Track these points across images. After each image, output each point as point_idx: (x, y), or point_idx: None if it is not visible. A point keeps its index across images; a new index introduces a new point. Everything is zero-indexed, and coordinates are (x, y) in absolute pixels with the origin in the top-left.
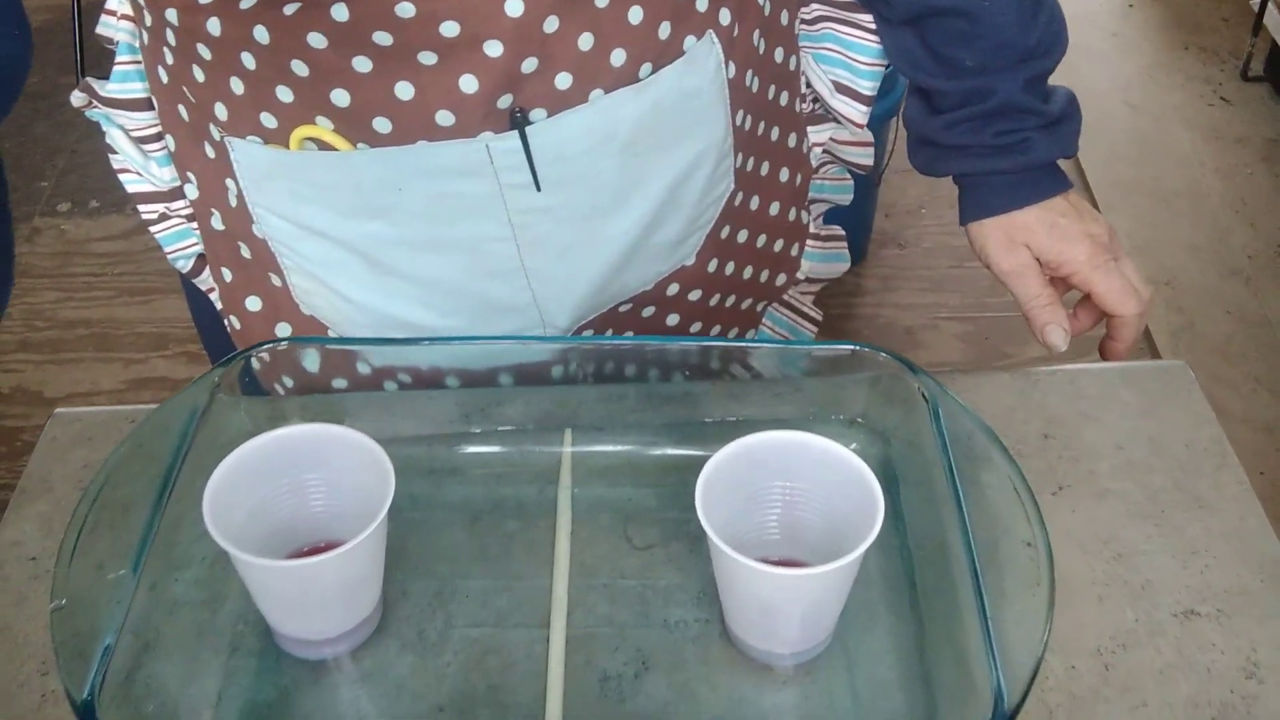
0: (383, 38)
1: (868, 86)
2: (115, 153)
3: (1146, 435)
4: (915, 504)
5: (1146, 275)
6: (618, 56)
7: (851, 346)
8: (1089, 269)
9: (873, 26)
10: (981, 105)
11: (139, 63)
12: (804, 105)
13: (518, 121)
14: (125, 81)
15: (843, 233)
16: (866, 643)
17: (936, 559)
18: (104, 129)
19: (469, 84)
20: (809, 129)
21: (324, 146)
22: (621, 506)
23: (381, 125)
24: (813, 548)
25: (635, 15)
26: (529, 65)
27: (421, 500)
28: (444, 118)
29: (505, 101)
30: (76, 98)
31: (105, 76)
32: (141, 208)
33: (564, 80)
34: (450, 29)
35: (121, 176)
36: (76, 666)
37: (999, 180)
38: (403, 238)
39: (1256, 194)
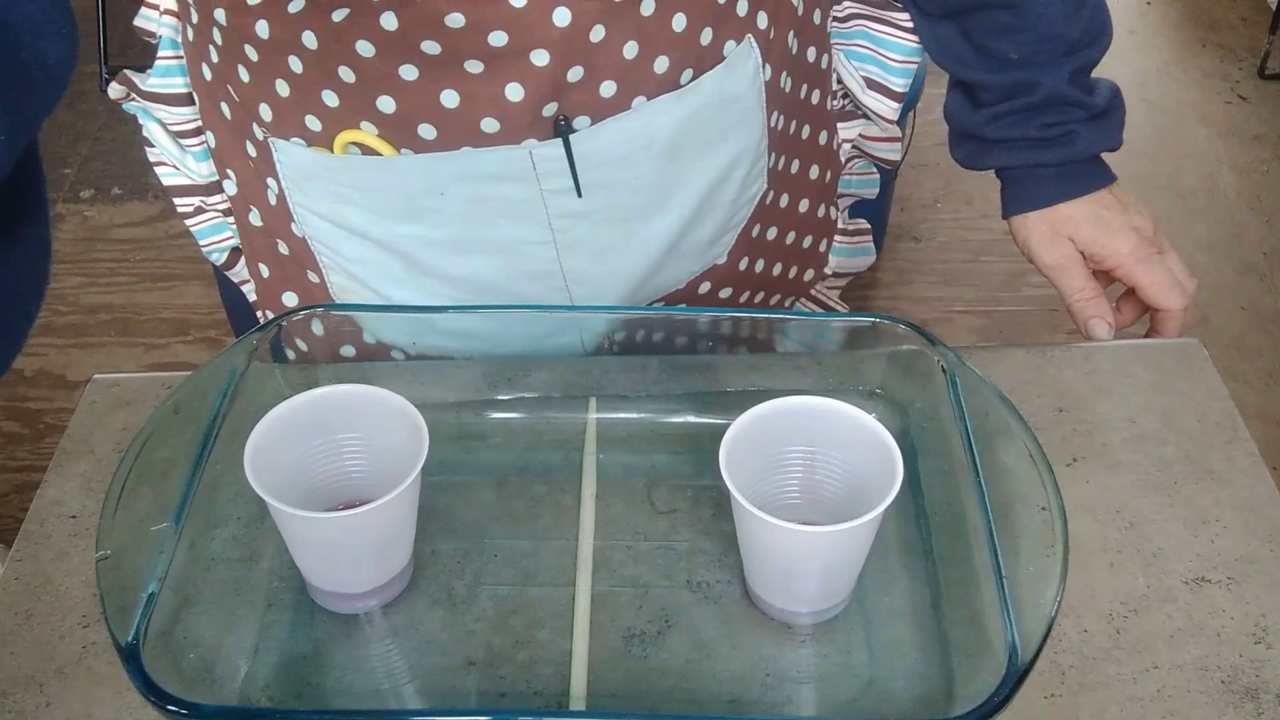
0: (431, 47)
1: (899, 83)
2: (151, 145)
3: (1159, 409)
4: (933, 472)
5: None
6: (661, 64)
7: (872, 318)
8: (1133, 262)
9: (905, 24)
10: (1025, 98)
11: (181, 58)
12: (834, 102)
13: (562, 129)
14: (167, 76)
15: (868, 226)
16: (884, 604)
17: (954, 524)
18: (141, 121)
19: (515, 92)
20: (839, 125)
21: (368, 151)
22: (645, 472)
23: (426, 131)
24: (832, 512)
25: (679, 23)
26: (575, 74)
27: (450, 464)
28: (489, 125)
29: (550, 109)
30: (114, 90)
31: (132, 66)
32: (177, 200)
33: (608, 88)
34: (498, 39)
35: (157, 169)
36: (121, 614)
37: (1043, 173)
38: (442, 239)
39: (1272, 191)
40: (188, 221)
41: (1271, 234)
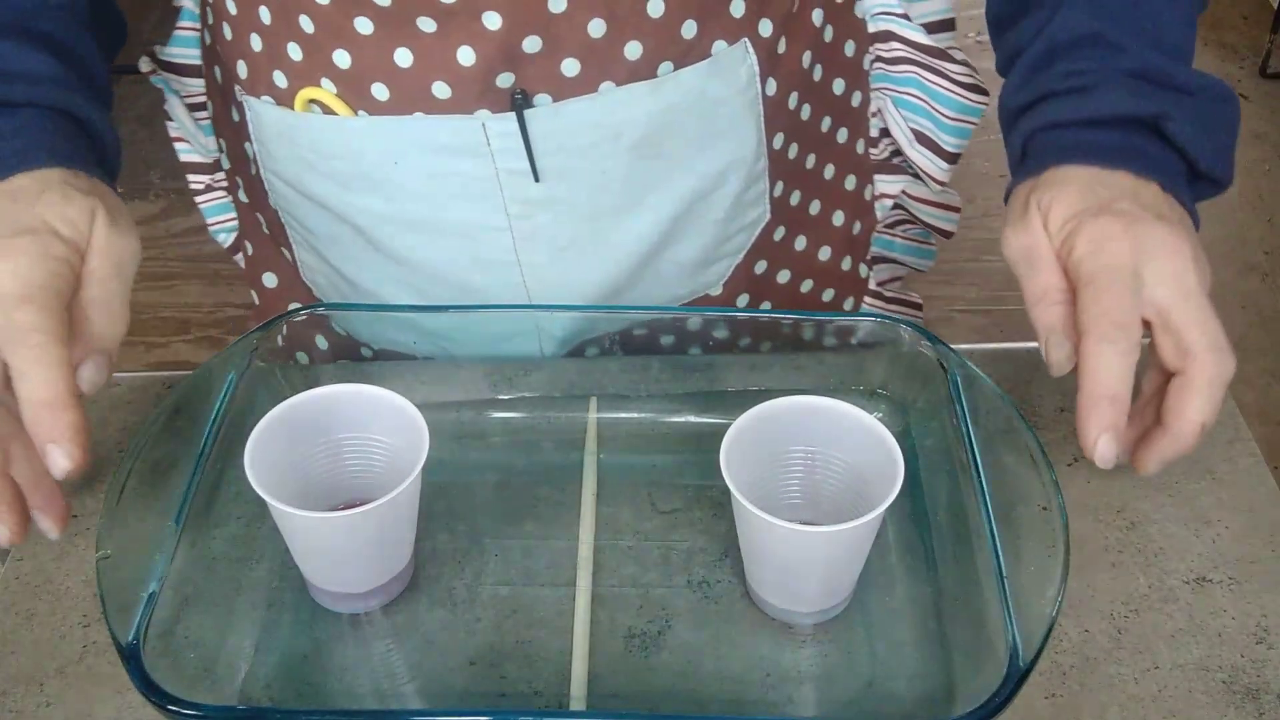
0: None
1: (951, 143)
2: (171, 120)
3: None
4: (935, 472)
5: None
6: (633, 49)
7: (873, 317)
8: (1104, 266)
9: (961, 79)
10: (1045, 40)
11: (198, 29)
12: (875, 150)
13: (517, 103)
14: (182, 46)
15: (920, 301)
16: (884, 604)
17: (955, 524)
18: (165, 95)
19: (466, 56)
20: (880, 177)
21: (327, 111)
22: (646, 472)
23: (380, 92)
24: (834, 512)
25: (655, 8)
26: (531, 44)
27: (450, 464)
28: (440, 90)
29: (506, 80)
30: (144, 63)
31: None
32: (190, 178)
33: (571, 66)
34: None
35: (176, 145)
36: (121, 613)
37: (1056, 137)
38: (398, 214)
39: (1274, 191)
40: (198, 199)
41: (1272, 233)
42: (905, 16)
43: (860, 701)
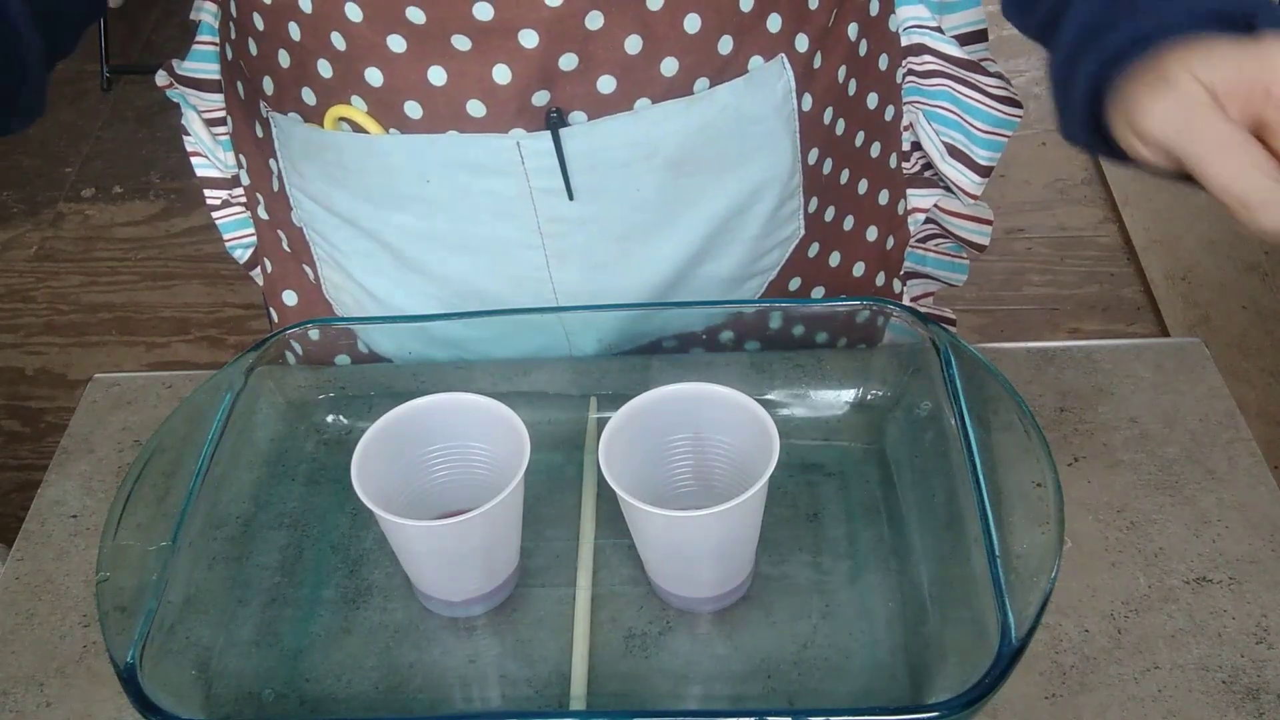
0: (416, 14)
1: (984, 156)
2: (188, 134)
3: (1160, 409)
4: (929, 449)
5: (1164, 269)
6: (669, 65)
7: (865, 303)
8: None
9: (994, 90)
10: None
11: (217, 44)
12: (907, 164)
13: (553, 121)
14: (201, 61)
15: (954, 318)
16: (879, 584)
17: (948, 501)
18: (183, 110)
19: (502, 74)
20: (912, 191)
21: (357, 128)
22: None
23: (413, 110)
24: (726, 496)
25: (692, 24)
26: (568, 62)
27: None
28: (475, 108)
29: (541, 99)
30: (160, 77)
31: (151, 64)
32: (207, 193)
33: (607, 84)
34: (484, 11)
35: (193, 160)
36: (120, 634)
37: (1131, 36)
38: (429, 232)
39: None
40: (215, 214)
41: None
42: (938, 29)
43: (860, 692)
